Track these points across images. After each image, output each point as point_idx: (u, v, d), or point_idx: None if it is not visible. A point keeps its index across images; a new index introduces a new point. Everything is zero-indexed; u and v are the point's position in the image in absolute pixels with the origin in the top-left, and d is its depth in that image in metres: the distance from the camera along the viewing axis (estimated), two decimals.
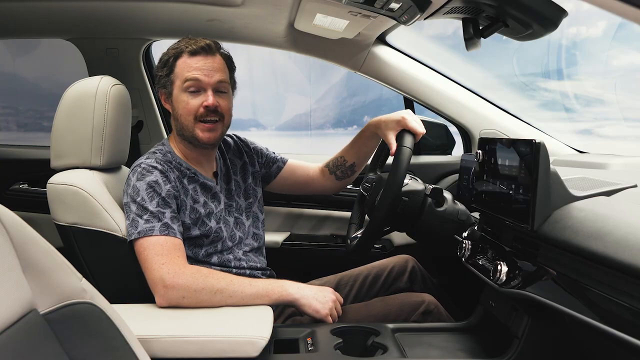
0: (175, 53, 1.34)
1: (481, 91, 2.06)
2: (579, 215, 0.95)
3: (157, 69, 1.38)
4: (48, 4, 1.70)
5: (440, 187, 1.33)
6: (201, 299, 1.18)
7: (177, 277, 1.17)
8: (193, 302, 1.17)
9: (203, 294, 1.17)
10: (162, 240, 1.21)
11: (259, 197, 1.55)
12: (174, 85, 1.34)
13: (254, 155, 1.57)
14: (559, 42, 3.25)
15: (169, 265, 1.18)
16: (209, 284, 1.18)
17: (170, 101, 1.38)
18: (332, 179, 1.63)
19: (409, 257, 1.67)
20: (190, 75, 1.31)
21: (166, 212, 1.24)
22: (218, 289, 1.18)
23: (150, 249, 1.20)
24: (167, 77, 1.35)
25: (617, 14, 0.68)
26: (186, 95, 1.32)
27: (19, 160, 2.19)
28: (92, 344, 0.75)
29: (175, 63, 1.34)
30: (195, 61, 1.32)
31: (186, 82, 1.31)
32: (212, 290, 1.18)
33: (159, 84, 1.38)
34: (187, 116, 1.33)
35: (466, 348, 1.24)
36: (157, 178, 1.26)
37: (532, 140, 1.01)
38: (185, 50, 1.33)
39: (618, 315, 0.78)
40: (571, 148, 1.99)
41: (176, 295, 1.16)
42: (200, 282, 1.18)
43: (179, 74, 1.33)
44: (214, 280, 1.19)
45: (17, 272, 0.67)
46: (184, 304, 1.17)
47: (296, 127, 5.30)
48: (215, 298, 1.18)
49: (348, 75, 4.65)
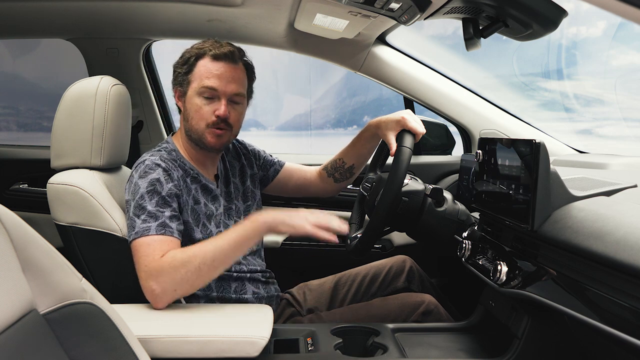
0: (198, 53, 1.32)
1: (481, 91, 2.06)
2: (579, 215, 0.95)
3: (177, 65, 1.36)
4: (48, 4, 1.70)
5: (440, 187, 1.33)
6: (191, 281, 1.13)
7: (160, 276, 1.12)
8: (186, 287, 1.14)
9: (190, 276, 1.12)
10: (155, 239, 1.18)
11: (257, 199, 1.55)
12: (190, 86, 1.33)
13: (251, 157, 1.57)
14: (559, 42, 3.25)
15: (152, 264, 1.14)
16: (188, 263, 1.13)
17: (183, 100, 1.36)
18: (330, 181, 1.63)
19: (407, 258, 1.67)
20: (209, 83, 1.30)
21: (165, 211, 1.22)
22: (199, 263, 1.13)
23: (141, 250, 1.16)
24: (185, 76, 1.34)
25: (617, 14, 0.68)
26: (200, 99, 1.31)
27: (19, 160, 2.19)
28: (92, 344, 0.75)
29: (196, 63, 1.32)
30: (216, 67, 1.31)
31: (202, 88, 1.30)
32: (196, 268, 1.12)
33: (176, 81, 1.37)
34: (199, 121, 1.32)
35: (466, 348, 1.24)
36: (160, 176, 1.25)
37: (532, 140, 1.01)
38: (208, 53, 1.31)
39: (618, 315, 0.78)
40: (571, 148, 1.99)
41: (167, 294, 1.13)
42: (181, 268, 1.12)
43: (197, 76, 1.32)
44: (190, 257, 1.14)
45: (17, 272, 0.67)
46: (181, 294, 1.14)
47: (296, 127, 5.30)
48: (202, 271, 1.13)
49: (348, 75, 4.65)
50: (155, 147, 1.39)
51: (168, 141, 1.40)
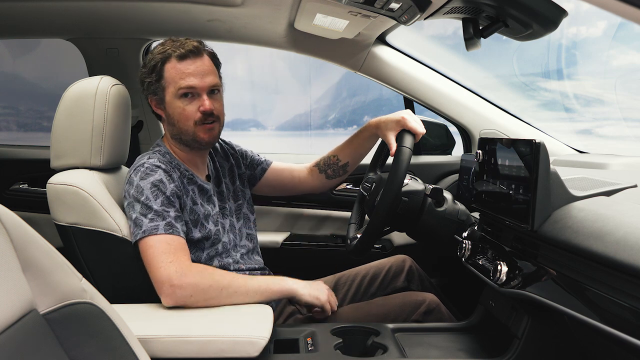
0: (163, 57, 1.31)
1: (481, 91, 2.06)
2: (579, 215, 0.95)
3: (145, 75, 1.35)
4: (48, 4, 1.70)
5: (440, 187, 1.33)
6: (208, 297, 1.17)
7: (184, 276, 1.15)
8: (200, 300, 1.17)
9: (210, 292, 1.17)
10: (167, 238, 1.20)
11: (247, 197, 1.56)
12: (165, 92, 1.32)
13: (239, 157, 1.58)
14: (559, 42, 3.25)
15: (176, 264, 1.17)
16: (215, 281, 1.18)
17: (163, 107, 1.35)
18: (321, 177, 1.62)
19: (406, 257, 1.67)
20: (185, 83, 1.29)
21: (170, 211, 1.23)
22: (223, 286, 1.18)
23: (155, 248, 1.19)
24: (157, 83, 1.33)
25: (617, 14, 0.68)
26: (181, 101, 1.31)
27: (19, 160, 2.19)
28: (92, 344, 0.75)
29: (164, 68, 1.31)
30: (185, 66, 1.30)
31: (180, 90, 1.30)
32: (219, 288, 1.17)
33: (149, 91, 1.36)
34: (186, 122, 1.32)
35: (466, 348, 1.24)
36: (162, 177, 1.26)
37: (532, 140, 1.01)
38: (173, 55, 1.30)
39: (618, 315, 0.78)
40: (571, 148, 1.99)
41: (184, 294, 1.15)
42: (207, 280, 1.17)
43: (170, 80, 1.31)
44: (219, 277, 1.19)
45: (17, 272, 0.67)
46: (191, 302, 1.16)
47: (296, 127, 5.29)
48: (221, 295, 1.18)
49: (348, 75, 4.65)
50: (149, 150, 1.38)
51: (159, 144, 1.40)
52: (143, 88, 1.37)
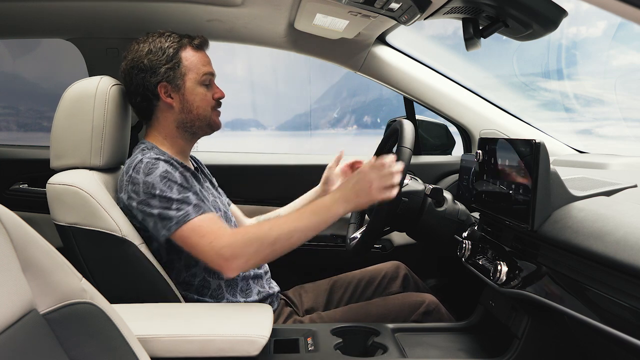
0: (179, 46, 1.34)
1: (481, 91, 2.06)
2: (579, 215, 0.95)
3: (160, 63, 1.32)
4: (48, 4, 1.70)
5: (440, 187, 1.33)
6: (264, 255, 1.17)
7: (231, 248, 1.15)
8: (258, 260, 1.18)
9: (263, 250, 1.16)
10: (201, 220, 1.19)
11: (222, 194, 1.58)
12: (186, 78, 1.34)
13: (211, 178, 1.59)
14: (559, 42, 3.25)
15: (220, 239, 1.17)
16: (262, 238, 1.17)
17: (179, 94, 1.34)
18: None
19: (399, 264, 1.66)
20: (207, 69, 1.37)
21: (189, 195, 1.22)
22: (274, 239, 1.17)
23: (195, 232, 1.18)
24: (174, 70, 1.33)
25: (617, 14, 0.68)
26: (202, 88, 1.36)
27: (19, 160, 2.19)
28: (92, 344, 0.75)
29: (180, 56, 1.34)
30: (202, 55, 1.38)
31: (204, 76, 1.36)
32: (268, 242, 1.17)
33: (163, 77, 1.33)
34: (206, 107, 1.37)
35: (466, 348, 1.24)
36: (166, 167, 1.24)
37: (532, 140, 1.01)
38: (188, 44, 1.36)
39: (618, 315, 0.78)
40: (571, 148, 1.99)
41: (240, 263, 1.16)
42: (254, 241, 1.16)
43: (192, 67, 1.35)
44: (263, 233, 1.18)
45: (17, 272, 0.67)
46: (252, 264, 1.19)
47: (296, 127, 5.30)
48: (276, 247, 1.17)
49: (348, 75, 4.65)
50: (136, 149, 1.36)
51: (144, 142, 1.38)
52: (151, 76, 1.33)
